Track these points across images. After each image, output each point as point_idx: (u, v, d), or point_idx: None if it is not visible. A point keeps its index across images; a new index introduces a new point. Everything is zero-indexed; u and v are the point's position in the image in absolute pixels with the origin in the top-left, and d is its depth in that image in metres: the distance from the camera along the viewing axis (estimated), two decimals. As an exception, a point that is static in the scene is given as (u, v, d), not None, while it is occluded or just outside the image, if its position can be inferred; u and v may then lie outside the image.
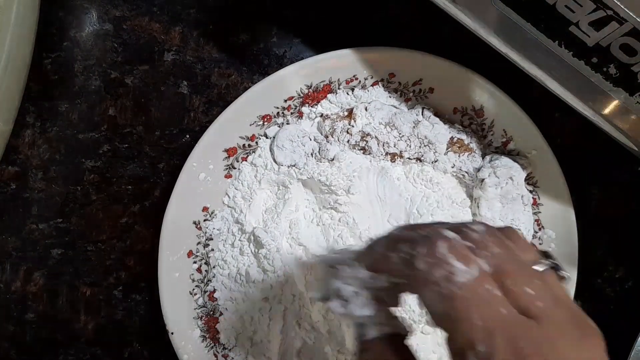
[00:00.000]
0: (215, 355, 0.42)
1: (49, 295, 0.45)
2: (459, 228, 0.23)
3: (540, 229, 0.43)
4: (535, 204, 0.43)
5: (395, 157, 0.41)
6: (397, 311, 0.25)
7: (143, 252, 0.45)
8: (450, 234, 0.23)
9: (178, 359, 0.42)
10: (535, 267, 0.23)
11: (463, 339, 0.21)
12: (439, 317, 0.22)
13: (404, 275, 0.23)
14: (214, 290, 0.42)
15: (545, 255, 0.24)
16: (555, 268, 0.24)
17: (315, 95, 0.41)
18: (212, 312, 0.42)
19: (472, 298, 0.21)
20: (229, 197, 0.42)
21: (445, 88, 0.41)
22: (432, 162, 0.41)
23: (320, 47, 0.43)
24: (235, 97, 0.40)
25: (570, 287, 0.43)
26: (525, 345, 0.20)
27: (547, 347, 0.20)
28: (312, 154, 0.40)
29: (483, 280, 0.21)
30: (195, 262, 0.42)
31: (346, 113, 0.40)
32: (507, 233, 0.24)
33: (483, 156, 0.42)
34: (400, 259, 0.23)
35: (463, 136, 0.42)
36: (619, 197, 0.45)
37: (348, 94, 0.42)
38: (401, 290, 0.24)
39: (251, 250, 0.41)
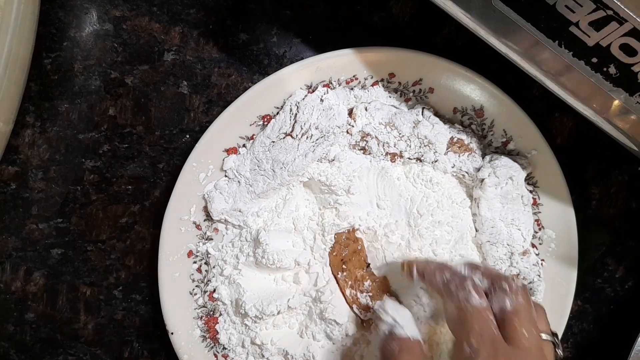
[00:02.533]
0: (215, 355, 0.42)
1: (49, 295, 0.45)
2: (498, 276, 0.34)
3: (540, 229, 0.43)
4: (535, 204, 0.43)
5: (395, 157, 0.41)
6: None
7: (143, 252, 0.45)
8: (478, 279, 0.33)
9: (178, 359, 0.42)
10: (542, 335, 0.32)
11: (463, 335, 0.32)
12: (451, 320, 0.33)
13: (439, 289, 0.35)
14: (214, 290, 0.42)
15: (553, 334, 0.34)
16: (555, 345, 0.34)
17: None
18: (212, 312, 0.42)
19: (476, 315, 0.32)
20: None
21: (445, 88, 0.41)
22: (432, 162, 0.41)
23: (320, 47, 0.43)
24: (235, 97, 0.40)
25: (571, 287, 0.43)
26: (503, 354, 0.30)
27: None
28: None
29: (487, 310, 0.32)
30: (195, 262, 0.42)
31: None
32: (536, 306, 0.34)
33: (483, 156, 0.42)
34: (441, 279, 0.34)
35: (463, 136, 0.42)
36: (619, 197, 0.45)
37: (348, 94, 0.42)
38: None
39: (251, 250, 0.41)
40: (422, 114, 0.41)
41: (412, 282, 0.38)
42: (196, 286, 0.42)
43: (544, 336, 0.33)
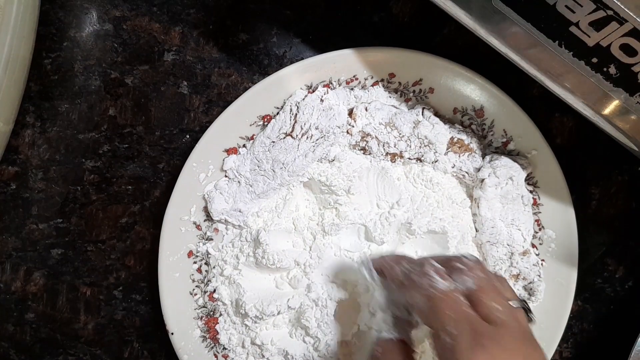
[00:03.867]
0: (215, 356, 0.42)
1: (49, 295, 0.45)
2: (449, 258, 0.32)
3: (540, 229, 0.43)
4: (535, 204, 0.43)
5: (396, 157, 0.41)
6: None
7: (143, 252, 0.45)
8: (435, 262, 0.31)
9: (178, 359, 0.42)
10: (510, 303, 0.30)
11: (438, 324, 0.29)
12: (422, 312, 0.30)
13: (401, 282, 0.32)
14: (214, 290, 0.42)
15: (522, 300, 0.32)
16: (527, 310, 0.31)
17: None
18: (212, 312, 0.42)
19: (446, 299, 0.29)
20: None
21: (445, 88, 0.41)
22: (432, 162, 0.41)
23: (320, 47, 0.43)
24: (235, 97, 0.40)
25: (571, 287, 0.43)
26: (483, 334, 0.27)
27: (499, 342, 0.27)
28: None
29: (454, 291, 0.30)
30: (195, 262, 0.42)
31: None
32: (497, 276, 0.33)
33: (483, 156, 0.42)
34: (400, 270, 0.32)
35: (463, 136, 0.42)
36: (618, 197, 0.45)
37: (348, 94, 0.42)
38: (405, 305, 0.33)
39: (251, 251, 0.41)
40: (422, 114, 0.41)
41: (373, 282, 0.36)
42: (196, 286, 0.42)
43: (513, 304, 0.31)
